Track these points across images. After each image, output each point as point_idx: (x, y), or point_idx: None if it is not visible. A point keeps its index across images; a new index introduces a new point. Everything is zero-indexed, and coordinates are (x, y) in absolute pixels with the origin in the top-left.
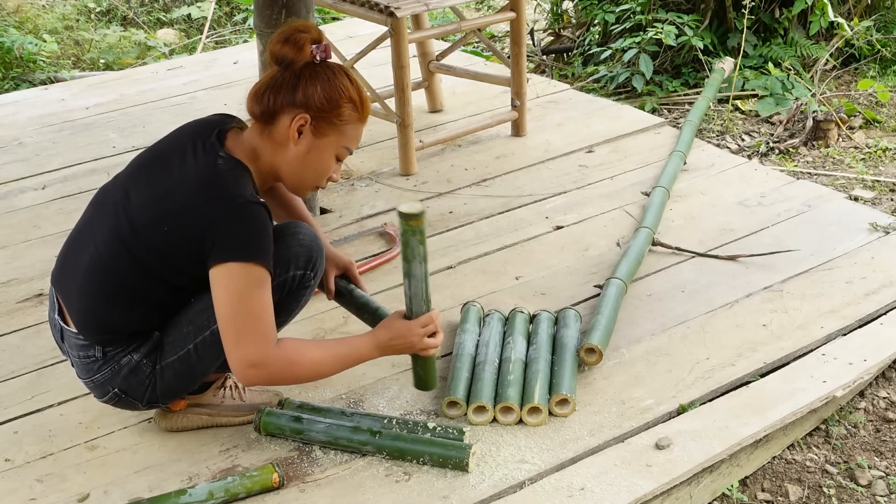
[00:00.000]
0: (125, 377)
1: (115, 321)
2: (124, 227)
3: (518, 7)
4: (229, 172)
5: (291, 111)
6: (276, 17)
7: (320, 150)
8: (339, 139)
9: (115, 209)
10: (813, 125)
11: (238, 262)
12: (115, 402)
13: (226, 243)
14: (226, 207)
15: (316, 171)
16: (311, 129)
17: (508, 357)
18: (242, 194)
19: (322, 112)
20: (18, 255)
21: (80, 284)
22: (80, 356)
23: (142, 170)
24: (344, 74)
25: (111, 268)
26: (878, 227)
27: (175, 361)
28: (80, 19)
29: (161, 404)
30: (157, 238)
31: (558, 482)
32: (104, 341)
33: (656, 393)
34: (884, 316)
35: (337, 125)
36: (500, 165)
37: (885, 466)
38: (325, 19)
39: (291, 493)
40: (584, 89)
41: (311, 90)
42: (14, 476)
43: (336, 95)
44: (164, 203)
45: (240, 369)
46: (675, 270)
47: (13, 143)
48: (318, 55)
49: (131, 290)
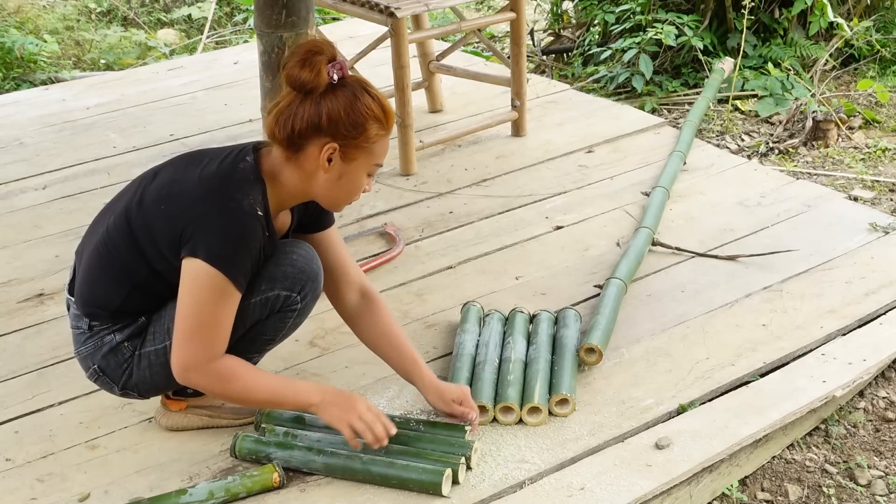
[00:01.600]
0: (105, 355)
1: (102, 296)
2: (135, 201)
3: (518, 7)
4: (242, 178)
5: (318, 140)
6: (276, 17)
7: (351, 174)
8: (368, 159)
9: (137, 186)
10: (812, 125)
11: (208, 263)
12: (95, 380)
13: (203, 240)
14: (217, 208)
15: (349, 192)
16: (340, 155)
17: (508, 357)
18: (240, 200)
19: (349, 138)
20: (19, 255)
21: (88, 255)
22: (73, 326)
23: (177, 160)
24: (364, 91)
25: (112, 240)
26: (877, 227)
27: (152, 353)
28: (81, 19)
29: (139, 396)
30: (152, 213)
31: (558, 482)
32: (91, 314)
33: (656, 393)
34: (883, 316)
35: (365, 147)
36: (500, 165)
37: (884, 466)
38: (325, 19)
39: (292, 493)
40: (584, 89)
41: (335, 116)
42: (14, 476)
43: (361, 119)
44: (174, 186)
45: (175, 366)
46: (674, 270)
47: (14, 144)
48: (335, 75)
49: (119, 264)
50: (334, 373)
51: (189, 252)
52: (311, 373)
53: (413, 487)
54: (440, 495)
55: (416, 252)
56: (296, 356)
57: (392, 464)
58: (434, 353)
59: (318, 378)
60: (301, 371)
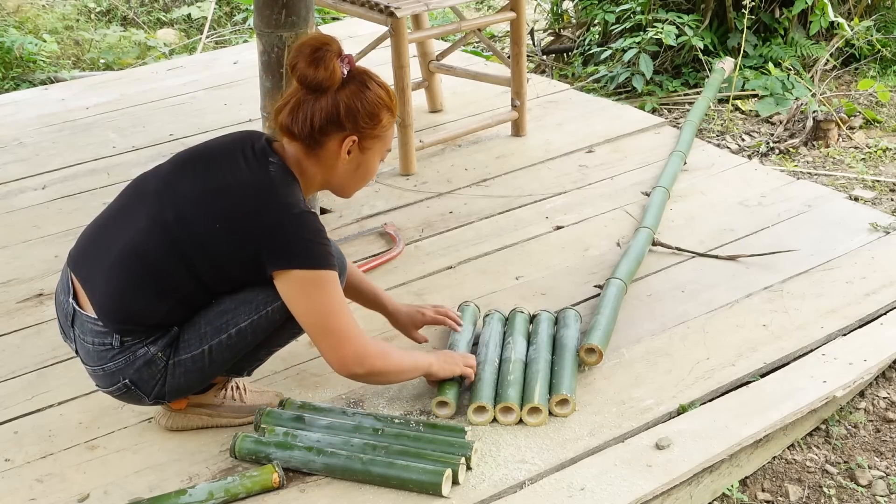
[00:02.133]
0: (139, 369)
1: (140, 310)
2: (169, 216)
3: (518, 7)
4: (282, 180)
5: (338, 135)
6: (276, 17)
7: (368, 162)
8: (382, 146)
9: (159, 198)
10: (813, 125)
11: (306, 269)
12: (121, 394)
13: (288, 251)
14: (283, 217)
15: (364, 179)
16: (359, 147)
17: (508, 357)
18: (298, 203)
19: (367, 129)
20: (18, 255)
21: (109, 269)
22: (94, 342)
23: (188, 164)
24: (373, 81)
25: (147, 255)
26: (878, 227)
27: (188, 360)
28: (80, 19)
29: (166, 401)
30: (207, 233)
31: (558, 482)
32: (124, 331)
33: (656, 393)
34: (884, 316)
35: (379, 136)
36: (500, 165)
37: (885, 466)
38: (325, 19)
39: (292, 493)
40: (585, 89)
41: (353, 111)
42: (14, 476)
43: (376, 109)
44: (217, 201)
45: (345, 366)
46: (675, 270)
47: (13, 143)
48: (345, 69)
49: (162, 279)
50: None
51: (280, 267)
52: (311, 373)
53: (413, 488)
54: (440, 496)
55: (416, 252)
56: (296, 356)
57: (392, 464)
58: None
59: (317, 378)
60: (301, 371)
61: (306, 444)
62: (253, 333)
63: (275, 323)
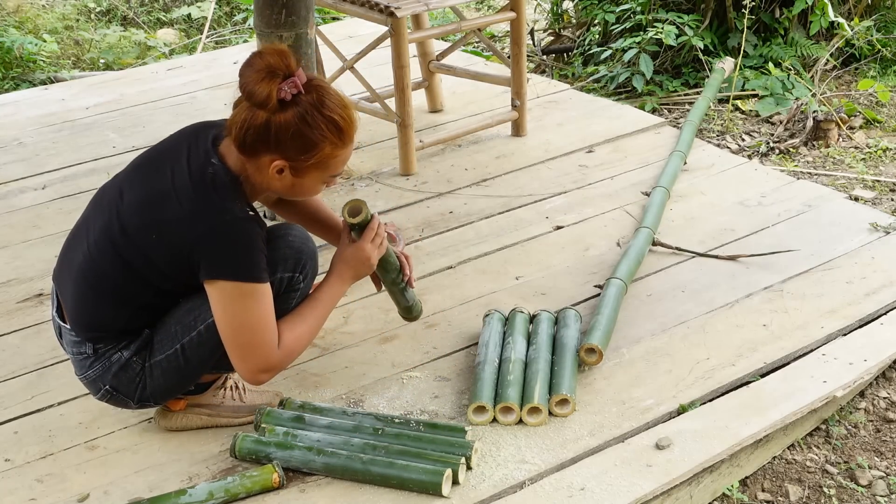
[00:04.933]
0: (115, 374)
1: (104, 320)
2: (115, 228)
3: (518, 7)
4: (219, 184)
5: (268, 155)
6: (276, 17)
7: (305, 184)
8: (322, 173)
9: (109, 209)
10: (813, 125)
11: (229, 280)
12: (108, 399)
13: (216, 261)
14: (214, 224)
15: (306, 195)
16: (290, 170)
17: (508, 357)
18: (231, 209)
19: (299, 158)
20: (18, 255)
21: (73, 282)
22: (74, 352)
23: (138, 170)
24: (317, 112)
25: (101, 267)
26: (878, 227)
27: (163, 360)
28: (80, 19)
29: (154, 403)
30: (145, 244)
31: (558, 482)
32: (95, 338)
33: (656, 393)
34: (884, 316)
35: (318, 164)
36: (500, 165)
37: (885, 466)
38: (325, 19)
39: (291, 493)
40: (585, 89)
41: (283, 137)
42: (14, 476)
43: (311, 142)
44: (153, 210)
45: (251, 378)
46: (675, 270)
47: (13, 143)
48: (289, 93)
49: (119, 290)
50: (334, 373)
51: (207, 276)
52: (311, 373)
53: (413, 488)
54: (440, 495)
55: (416, 252)
56: None
57: (392, 464)
58: (434, 354)
59: (317, 378)
60: (301, 371)
61: (306, 444)
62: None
63: None
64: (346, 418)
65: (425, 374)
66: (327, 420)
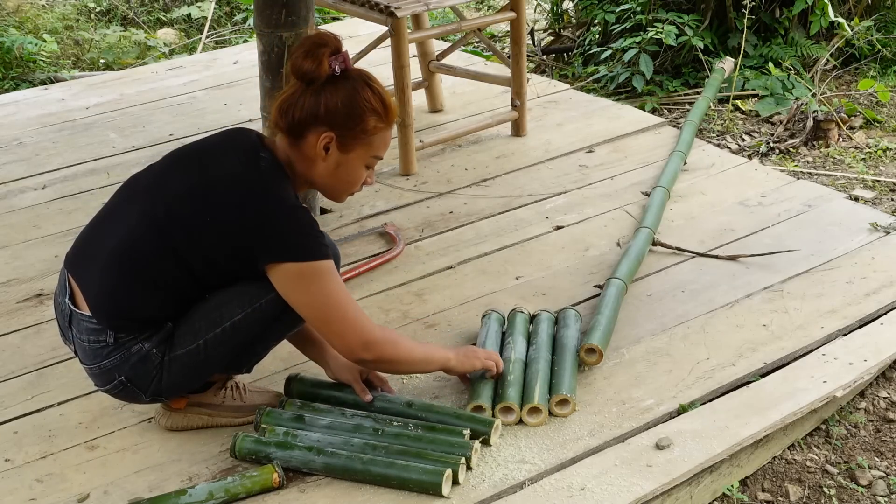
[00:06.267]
0: (134, 365)
1: (132, 305)
2: (160, 212)
3: (518, 7)
4: (273, 174)
5: (317, 129)
6: (276, 16)
7: (349, 164)
8: (366, 150)
9: (151, 195)
10: (813, 125)
11: (299, 261)
12: (118, 391)
13: (281, 245)
14: (275, 209)
15: (347, 182)
16: (338, 145)
17: (508, 357)
18: (289, 197)
19: (346, 128)
20: (18, 255)
21: (103, 267)
22: (89, 340)
23: (179, 162)
24: (365, 85)
25: (140, 251)
26: (878, 227)
27: (184, 355)
28: (80, 19)
29: (164, 399)
30: (197, 227)
31: (558, 482)
32: (117, 326)
33: (656, 393)
34: (884, 316)
35: (363, 138)
36: (500, 165)
37: (885, 466)
38: (325, 19)
39: (292, 493)
40: (585, 89)
41: (333, 107)
42: (14, 476)
43: (359, 110)
44: (209, 195)
45: (353, 354)
46: (675, 270)
47: (13, 143)
48: (338, 67)
49: (154, 274)
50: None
51: (273, 260)
52: (311, 373)
53: (413, 488)
54: (440, 495)
55: (416, 252)
56: (296, 356)
57: (392, 464)
58: None
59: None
60: (301, 371)
61: (306, 444)
62: (248, 326)
63: (269, 315)
64: (346, 418)
65: (425, 374)
66: (327, 420)
